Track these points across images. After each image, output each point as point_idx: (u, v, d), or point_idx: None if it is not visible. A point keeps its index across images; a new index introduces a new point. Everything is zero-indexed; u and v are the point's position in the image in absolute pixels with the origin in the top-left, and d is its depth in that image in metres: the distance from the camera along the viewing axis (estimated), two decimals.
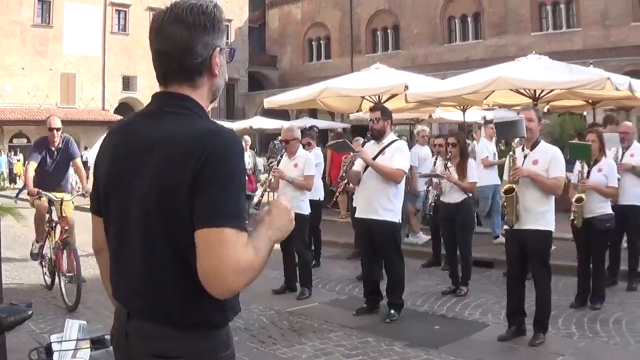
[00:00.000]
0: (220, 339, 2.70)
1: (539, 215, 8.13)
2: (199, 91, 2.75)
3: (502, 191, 8.28)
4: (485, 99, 18.78)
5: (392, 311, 9.37)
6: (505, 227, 8.51)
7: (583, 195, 9.58)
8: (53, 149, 11.62)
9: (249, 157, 19.28)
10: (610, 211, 9.91)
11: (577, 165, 9.90)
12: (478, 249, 13.01)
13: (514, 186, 8.07)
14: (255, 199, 12.63)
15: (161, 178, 2.51)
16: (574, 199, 9.69)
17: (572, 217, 9.86)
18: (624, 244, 11.32)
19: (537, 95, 16.43)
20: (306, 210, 10.83)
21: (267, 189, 11.41)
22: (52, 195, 10.99)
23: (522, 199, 8.10)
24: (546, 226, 8.18)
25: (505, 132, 8.52)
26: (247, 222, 2.53)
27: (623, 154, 11.14)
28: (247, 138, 20.88)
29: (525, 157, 8.30)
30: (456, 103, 20.35)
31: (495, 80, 15.58)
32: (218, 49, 2.76)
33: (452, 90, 17.52)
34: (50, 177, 11.55)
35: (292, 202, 10.68)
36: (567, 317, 9.37)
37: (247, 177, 13.02)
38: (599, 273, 10.01)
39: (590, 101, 20.14)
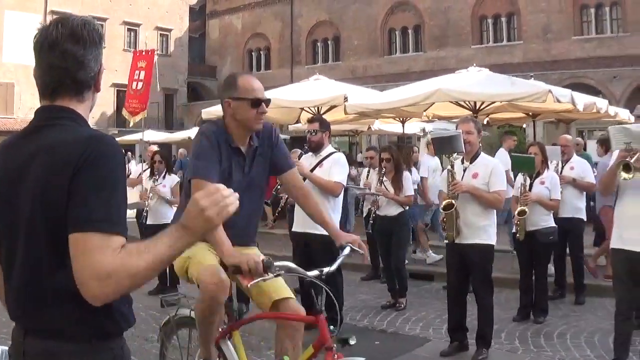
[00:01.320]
0: (117, 352, 2.67)
1: (480, 229, 8.03)
2: (84, 105, 2.78)
3: (441, 207, 8.12)
4: (424, 111, 18.75)
5: (331, 327, 9.10)
6: (445, 240, 8.37)
7: (526, 208, 9.56)
8: (244, 148, 5.30)
9: None
10: (553, 224, 9.96)
11: (520, 177, 9.86)
12: (417, 261, 12.91)
13: (453, 202, 7.93)
14: None
15: (43, 188, 2.48)
16: (516, 212, 9.65)
17: (514, 230, 9.82)
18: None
19: (477, 108, 16.44)
20: None
21: None
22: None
23: (462, 213, 7.98)
24: (488, 240, 8.09)
25: (443, 148, 8.37)
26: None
27: (563, 166, 11.21)
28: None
29: (464, 170, 8.17)
30: (396, 115, 20.33)
31: (435, 92, 15.53)
32: (102, 65, 2.82)
33: (391, 102, 17.43)
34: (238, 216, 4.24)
35: None
36: (509, 331, 9.32)
37: None
38: (541, 286, 10.02)
39: (530, 114, 20.25)
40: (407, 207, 11.36)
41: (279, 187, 9.53)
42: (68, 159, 2.43)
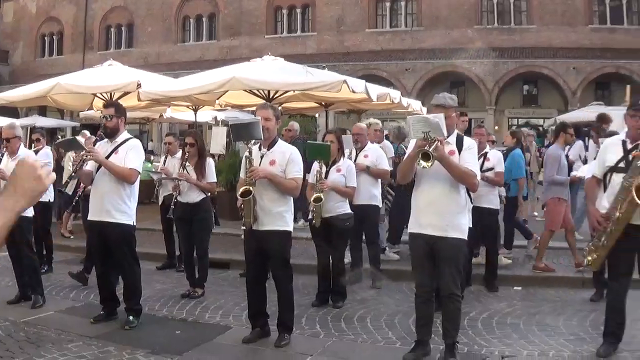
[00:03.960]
0: None
1: (278, 215, 8.09)
2: None
3: (239, 194, 8.08)
4: (218, 99, 18.74)
5: (131, 317, 8.97)
6: (243, 227, 8.34)
7: (322, 195, 9.68)
8: None
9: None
10: (349, 210, 10.16)
11: (315, 165, 9.96)
12: (212, 249, 12.90)
13: (250, 188, 7.92)
14: None
15: None
16: (312, 199, 9.76)
17: (310, 217, 9.93)
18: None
19: (271, 96, 16.53)
20: (30, 211, 10.13)
21: None
22: None
23: (259, 200, 7.99)
24: (285, 226, 8.17)
25: (241, 134, 8.34)
26: None
27: (357, 154, 11.38)
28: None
29: (262, 157, 8.17)
30: (189, 103, 20.23)
31: (230, 80, 15.53)
32: None
33: (186, 89, 17.33)
34: None
35: None
36: (310, 316, 9.45)
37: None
38: (339, 271, 10.22)
39: (323, 103, 20.61)
40: (209, 194, 11.29)
41: (73, 174, 9.14)
42: None
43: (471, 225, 8.16)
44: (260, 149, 8.22)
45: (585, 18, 48.42)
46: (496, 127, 43.53)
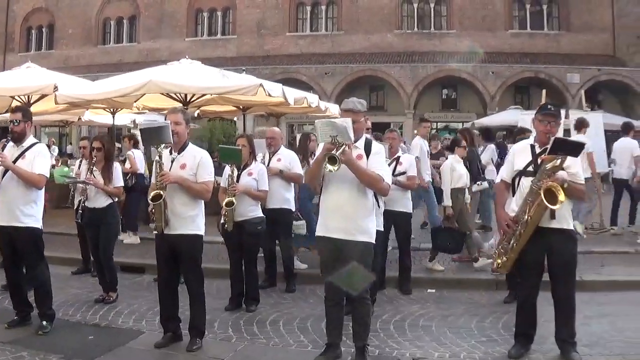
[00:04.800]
0: None
1: (189, 219, 8.12)
2: None
3: (150, 198, 8.09)
4: (135, 102, 18.65)
5: (44, 322, 8.86)
6: (155, 232, 8.34)
7: (234, 199, 9.74)
8: None
9: None
10: (261, 214, 10.24)
11: (227, 169, 10.01)
12: (128, 254, 12.79)
13: (161, 192, 7.93)
14: None
15: None
16: (224, 203, 9.80)
17: (222, 221, 9.95)
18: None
19: (187, 100, 16.53)
20: None
21: None
22: None
23: (170, 203, 8.01)
24: (197, 230, 8.20)
25: (151, 138, 8.34)
26: None
27: (270, 158, 11.44)
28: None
29: (172, 161, 8.20)
30: (107, 105, 20.08)
31: (147, 84, 15.50)
32: None
33: (102, 92, 17.21)
34: None
35: None
36: (222, 320, 9.46)
37: None
38: (251, 275, 10.28)
39: (241, 107, 20.63)
40: (117, 199, 11.22)
41: None
42: None
43: (381, 229, 8.28)
44: (170, 153, 8.24)
45: (505, 23, 49.37)
46: (415, 131, 43.98)
